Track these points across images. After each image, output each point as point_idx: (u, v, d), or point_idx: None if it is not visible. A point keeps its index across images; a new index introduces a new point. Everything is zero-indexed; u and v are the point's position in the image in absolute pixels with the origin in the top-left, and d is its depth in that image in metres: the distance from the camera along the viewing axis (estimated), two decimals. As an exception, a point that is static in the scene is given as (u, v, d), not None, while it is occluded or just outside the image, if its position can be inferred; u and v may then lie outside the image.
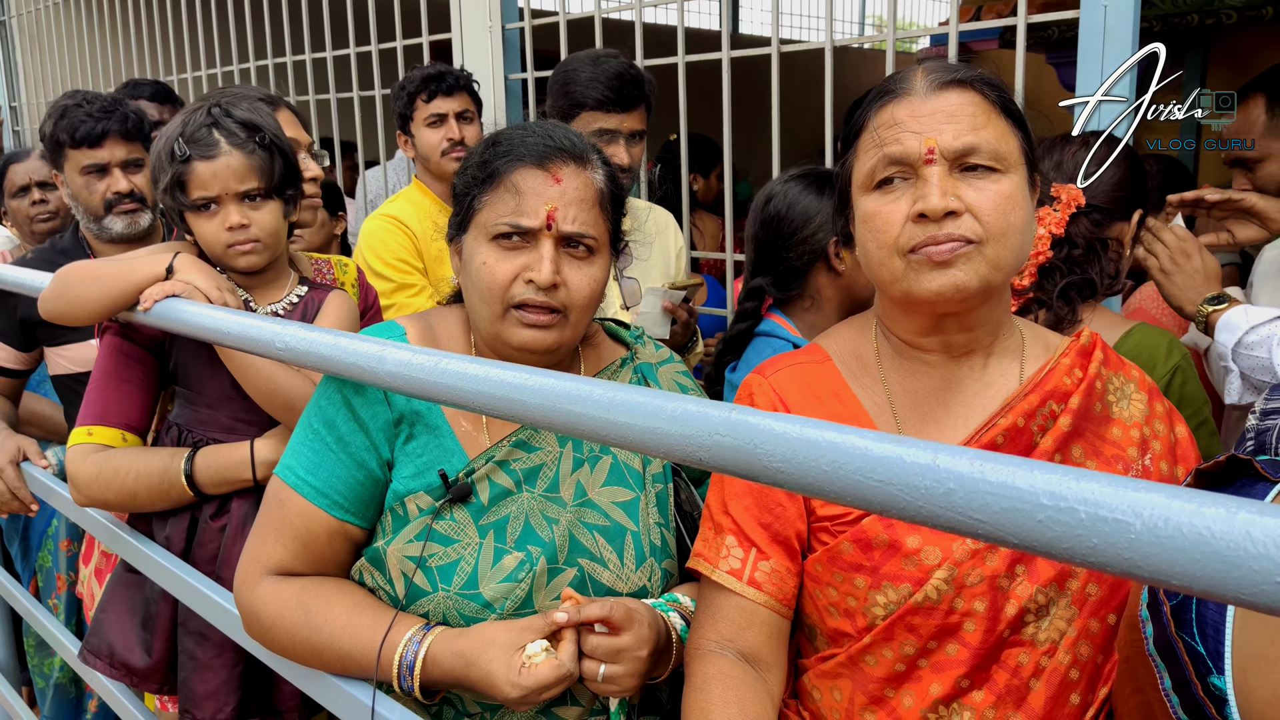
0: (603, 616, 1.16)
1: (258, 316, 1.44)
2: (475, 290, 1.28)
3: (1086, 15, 1.82)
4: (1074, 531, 0.57)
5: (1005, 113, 1.11)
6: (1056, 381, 1.16)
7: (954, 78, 1.10)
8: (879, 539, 1.12)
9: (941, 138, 1.07)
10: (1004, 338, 1.20)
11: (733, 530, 1.20)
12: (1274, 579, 0.50)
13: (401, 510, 1.26)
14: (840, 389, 1.22)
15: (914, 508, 0.64)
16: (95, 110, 2.15)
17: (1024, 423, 1.14)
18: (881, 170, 1.10)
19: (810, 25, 11.62)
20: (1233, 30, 4.72)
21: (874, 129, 1.12)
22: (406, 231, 2.44)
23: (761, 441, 0.73)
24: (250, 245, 1.65)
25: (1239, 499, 0.53)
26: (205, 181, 1.61)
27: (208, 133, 1.61)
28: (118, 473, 1.63)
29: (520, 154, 1.26)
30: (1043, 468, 0.59)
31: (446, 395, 1.02)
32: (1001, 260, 1.07)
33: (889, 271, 1.11)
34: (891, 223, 1.09)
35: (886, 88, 1.14)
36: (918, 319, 1.17)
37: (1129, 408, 1.20)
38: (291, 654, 1.27)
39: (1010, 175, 1.08)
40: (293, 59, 3.81)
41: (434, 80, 2.59)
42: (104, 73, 4.99)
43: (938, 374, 1.19)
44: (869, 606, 1.12)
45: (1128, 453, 1.17)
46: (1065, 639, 1.09)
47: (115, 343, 1.72)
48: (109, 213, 2.19)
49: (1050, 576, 1.09)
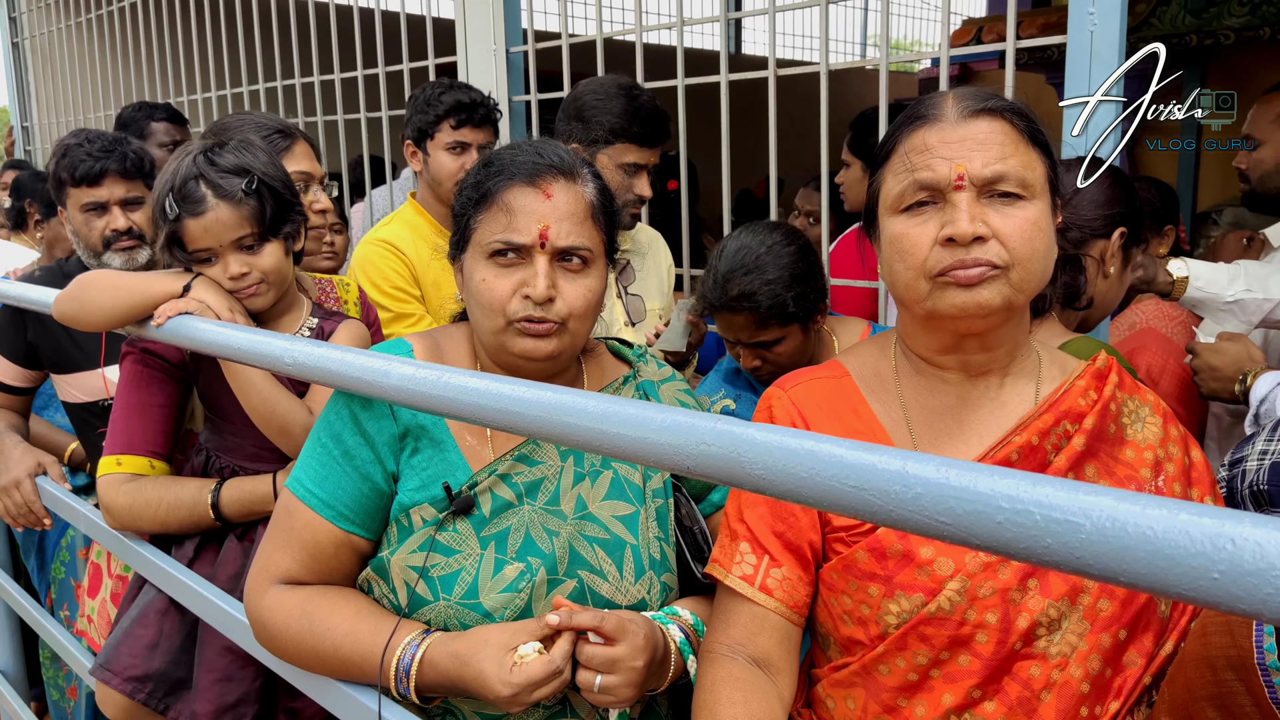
0: (594, 625, 1.19)
1: (266, 332, 1.48)
2: (477, 307, 1.32)
3: (1074, 37, 1.87)
4: (1030, 532, 0.61)
5: (1032, 141, 1.15)
6: (1071, 402, 1.19)
7: (984, 106, 1.13)
8: (893, 549, 1.15)
9: (971, 165, 1.10)
10: (1021, 359, 1.22)
11: (747, 537, 1.24)
12: (1210, 575, 0.54)
13: (406, 522, 1.29)
14: (858, 404, 1.25)
15: (885, 511, 0.68)
16: (95, 150, 2.19)
17: (1038, 441, 1.17)
18: (911, 194, 1.14)
19: (814, 46, 11.71)
20: (1231, 50, 4.77)
21: (904, 153, 1.16)
22: (401, 257, 2.37)
23: (744, 450, 0.77)
24: (255, 288, 1.69)
25: (1182, 502, 0.57)
26: (198, 237, 1.64)
27: (195, 187, 1.62)
28: (149, 504, 1.72)
29: (511, 173, 1.31)
30: (1002, 473, 0.63)
31: (449, 408, 1.06)
32: (1025, 284, 1.11)
33: (914, 293, 1.14)
34: (920, 245, 1.12)
35: (918, 113, 1.17)
36: (939, 337, 1.20)
37: (1143, 430, 1.22)
38: (297, 661, 1.31)
39: (1035, 202, 1.12)
40: (301, 81, 3.87)
41: (467, 110, 2.48)
42: (115, 94, 5.06)
43: (954, 392, 1.22)
44: (882, 615, 1.15)
45: (1140, 473, 1.19)
46: (1077, 653, 1.11)
47: (137, 369, 1.77)
48: (107, 249, 2.23)
49: (1063, 591, 1.11)
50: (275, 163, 1.74)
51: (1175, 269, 2.10)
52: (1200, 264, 2.14)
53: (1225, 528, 0.54)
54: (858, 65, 3.64)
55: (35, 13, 5.71)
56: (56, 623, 2.29)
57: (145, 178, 2.28)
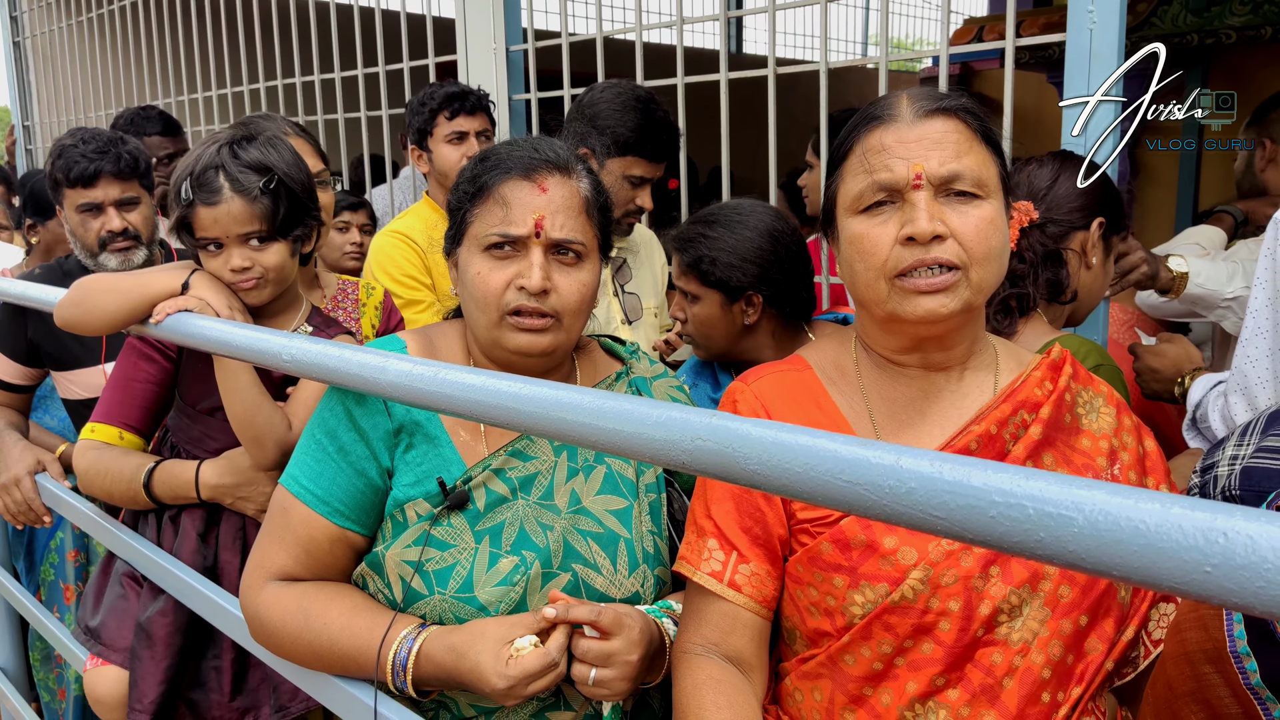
0: (591, 619, 1.19)
1: (264, 329, 1.49)
2: (471, 300, 1.33)
3: (1073, 36, 1.87)
4: (1023, 526, 0.61)
5: (985, 140, 1.16)
6: (1028, 393, 1.21)
7: (938, 106, 1.15)
8: (857, 539, 1.16)
9: (928, 164, 1.11)
10: (979, 353, 1.25)
11: (714, 534, 1.24)
12: (1202, 569, 0.54)
13: (401, 517, 1.30)
14: (820, 396, 1.26)
15: (879, 506, 0.68)
16: (90, 151, 2.18)
17: (996, 430, 1.19)
18: (870, 195, 1.15)
19: (814, 45, 11.71)
20: (1232, 50, 4.76)
21: (861, 154, 1.17)
22: (415, 247, 2.48)
23: (739, 445, 0.77)
24: (254, 283, 1.70)
25: (1175, 496, 0.57)
26: (207, 225, 1.65)
27: (214, 176, 1.63)
28: (100, 473, 1.76)
29: (507, 167, 1.32)
30: (995, 468, 0.63)
31: (446, 404, 1.06)
32: (983, 283, 1.13)
33: (875, 293, 1.15)
34: (880, 245, 1.13)
35: (873, 114, 1.18)
36: (898, 339, 1.21)
37: (1098, 420, 1.25)
38: (294, 656, 1.31)
39: (990, 201, 1.14)
40: (301, 80, 3.88)
41: (458, 99, 2.62)
42: (116, 93, 5.07)
43: (916, 384, 1.24)
44: (847, 606, 1.16)
45: (1097, 462, 1.21)
46: (1038, 639, 1.13)
47: (132, 345, 1.80)
48: (103, 250, 2.23)
49: (1024, 578, 1.13)
50: (300, 164, 1.74)
51: (1175, 265, 2.10)
52: (1200, 261, 2.14)
53: (1218, 521, 0.54)
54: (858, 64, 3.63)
55: (36, 11, 5.72)
56: (57, 620, 2.29)
57: (141, 178, 2.28)
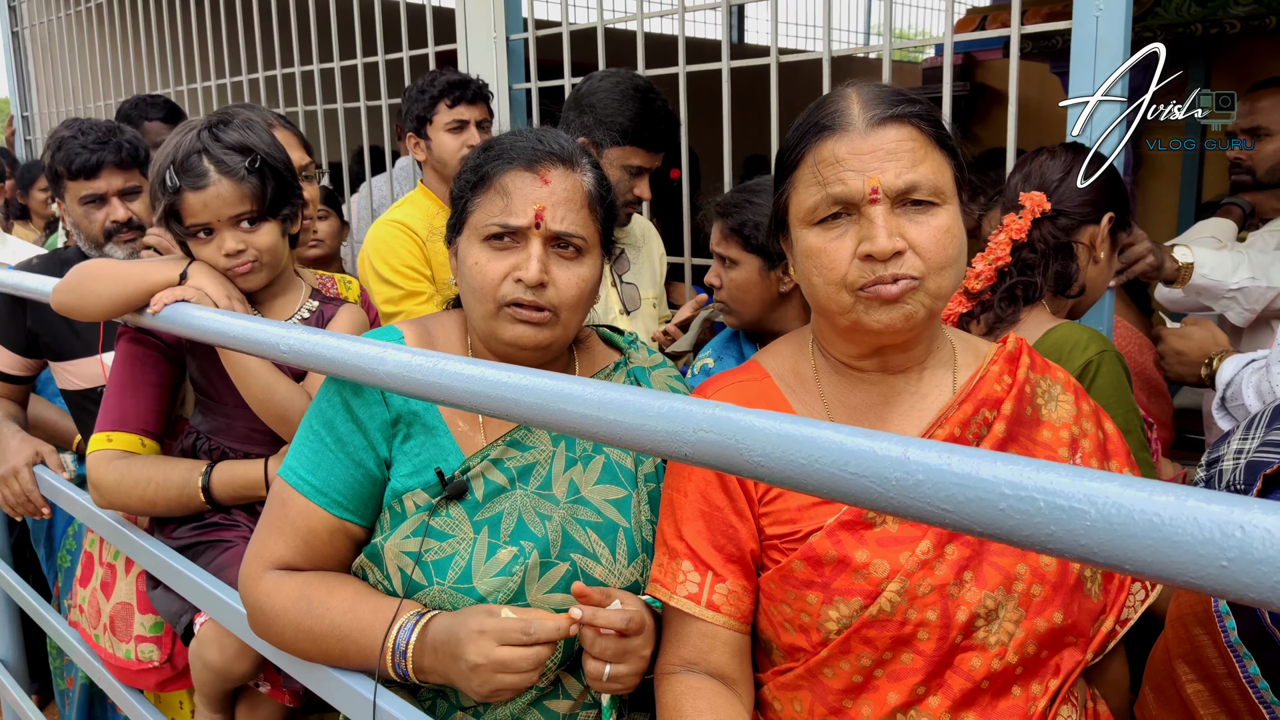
0: (621, 627, 1.18)
1: (262, 320, 1.47)
2: (469, 290, 1.32)
3: (1079, 25, 1.85)
4: (1033, 519, 0.59)
5: (940, 145, 1.13)
6: (988, 389, 1.20)
7: (891, 114, 1.11)
8: (828, 555, 1.14)
9: (884, 176, 1.08)
10: (937, 350, 1.23)
11: (687, 555, 1.21)
12: (1218, 563, 0.53)
13: (399, 507, 1.29)
14: (779, 404, 1.24)
15: (885, 498, 0.67)
16: (90, 141, 2.16)
17: (960, 432, 1.17)
18: (825, 208, 1.12)
19: (815, 35, 11.67)
20: (1237, 39, 4.73)
21: (814, 165, 1.13)
22: (414, 237, 2.44)
23: (743, 437, 0.76)
24: (249, 266, 1.68)
25: (1190, 488, 0.56)
26: (196, 211, 1.63)
27: (198, 160, 1.62)
28: (138, 483, 1.71)
29: (510, 157, 1.30)
30: (1006, 459, 0.62)
31: (444, 395, 1.05)
32: (943, 290, 1.12)
33: (837, 305, 1.13)
34: (838, 260, 1.11)
35: (823, 122, 1.13)
36: (858, 346, 1.20)
37: (1057, 409, 1.24)
38: (294, 646, 1.30)
39: (947, 206, 1.11)
40: (300, 69, 3.85)
41: (459, 87, 2.60)
42: (115, 83, 5.05)
43: (876, 389, 1.22)
44: (822, 622, 1.15)
45: (1059, 453, 1.20)
46: (1014, 640, 1.12)
47: (131, 349, 1.76)
48: (109, 241, 2.22)
49: (997, 581, 1.12)
50: (277, 144, 1.74)
51: (1181, 255, 2.09)
52: (1205, 251, 2.13)
53: (1235, 515, 0.53)
54: (860, 52, 3.61)
55: (35, 1, 5.69)
56: (56, 613, 2.28)
57: (142, 166, 2.26)
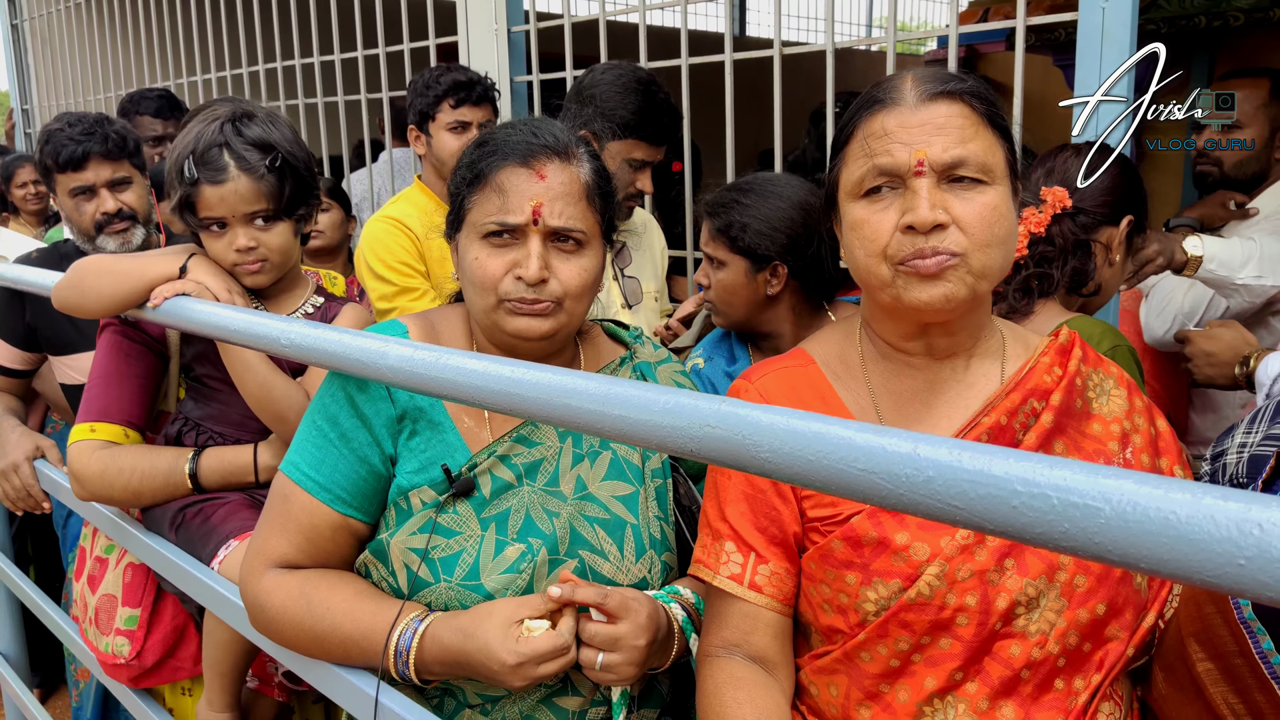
0: (597, 601, 1.18)
1: (263, 314, 1.47)
2: (470, 285, 1.31)
3: (1085, 17, 1.84)
4: (1046, 517, 0.59)
5: (992, 124, 1.13)
6: (1037, 380, 1.18)
7: (943, 89, 1.11)
8: (868, 536, 1.14)
9: (931, 150, 1.08)
10: (985, 339, 1.22)
11: (731, 536, 1.22)
12: (1236, 561, 0.52)
13: (405, 504, 1.28)
14: (825, 391, 1.24)
15: (895, 495, 0.66)
16: (77, 133, 2.15)
17: (1006, 420, 1.16)
18: (871, 180, 1.12)
19: (817, 28, 11.63)
20: (1240, 32, 4.71)
21: (863, 138, 1.14)
22: (408, 233, 2.43)
23: (750, 432, 0.75)
24: (258, 265, 1.68)
25: (1207, 485, 0.55)
26: (212, 204, 1.63)
27: (218, 154, 1.61)
28: (123, 471, 1.70)
29: (505, 153, 1.29)
30: (1017, 455, 0.61)
31: (447, 390, 1.04)
32: (987, 270, 1.10)
33: (877, 278, 1.13)
34: (880, 232, 1.11)
35: (876, 96, 1.15)
36: (903, 325, 1.19)
37: (1109, 403, 1.22)
38: (295, 643, 1.30)
39: (996, 186, 1.10)
40: (300, 62, 3.84)
41: (465, 88, 2.56)
42: (114, 76, 5.03)
43: (921, 375, 1.21)
44: (860, 603, 1.14)
45: (1108, 447, 1.19)
46: (1055, 630, 1.11)
47: (116, 340, 1.75)
48: (100, 233, 2.21)
49: (1040, 570, 1.11)
50: (300, 142, 1.73)
51: (1191, 247, 2.08)
52: (1216, 243, 2.12)
53: (1252, 512, 0.52)
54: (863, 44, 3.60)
55: (34, -6, 5.68)
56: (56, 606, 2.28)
57: (131, 157, 2.25)
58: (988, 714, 1.11)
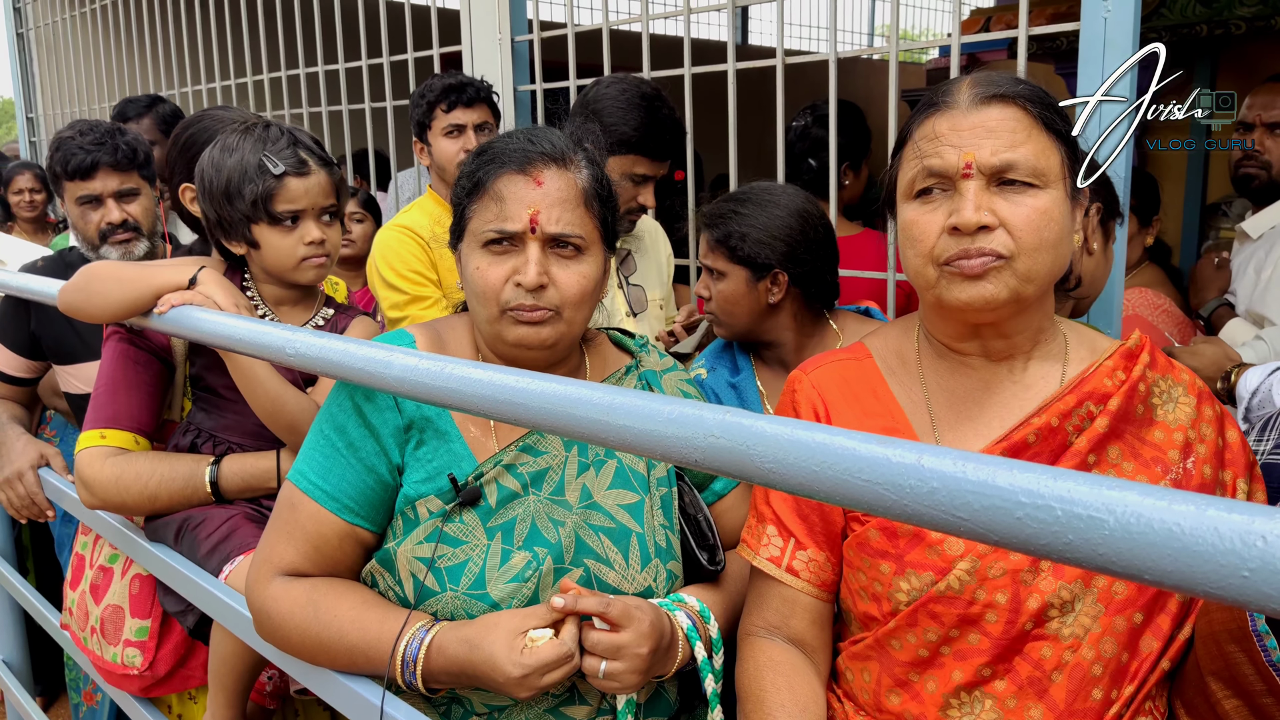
0: (600, 610, 1.19)
1: (267, 323, 1.47)
2: (473, 295, 1.32)
3: (1087, 25, 1.84)
4: (1050, 528, 0.59)
5: (1048, 128, 1.13)
6: (1097, 383, 1.18)
7: (997, 92, 1.13)
8: (904, 528, 1.17)
9: (980, 153, 1.10)
10: (1045, 342, 1.22)
11: (773, 520, 1.27)
12: (1240, 573, 0.52)
13: (412, 514, 1.28)
14: (878, 386, 1.26)
15: (899, 506, 0.66)
16: (87, 142, 2.16)
17: (1058, 422, 1.16)
18: (921, 181, 1.15)
19: (820, 37, 11.66)
20: (1242, 40, 4.71)
21: (916, 140, 1.17)
22: (420, 242, 2.43)
23: (753, 443, 0.75)
24: (323, 260, 1.72)
25: (1210, 497, 0.55)
26: (295, 196, 1.66)
27: (294, 152, 1.67)
28: (139, 477, 1.68)
29: (503, 161, 1.30)
30: (1021, 467, 0.61)
31: (452, 400, 1.04)
32: (1033, 274, 1.10)
33: (924, 279, 1.15)
34: (928, 233, 1.13)
35: (932, 100, 1.18)
36: (953, 325, 1.21)
37: (1174, 411, 1.20)
38: (300, 651, 1.30)
39: (1049, 190, 1.11)
40: (305, 71, 3.85)
41: (454, 91, 2.58)
42: (120, 85, 5.05)
43: (977, 375, 1.22)
44: (893, 592, 1.17)
45: (1168, 455, 1.17)
46: (1090, 635, 1.11)
47: (123, 348, 1.75)
48: (104, 242, 2.21)
49: (1076, 573, 1.11)
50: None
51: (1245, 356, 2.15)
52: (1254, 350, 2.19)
53: (1256, 524, 0.52)
54: (866, 53, 3.61)
55: (40, 3, 5.69)
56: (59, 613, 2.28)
57: (140, 168, 2.26)
58: (1015, 712, 1.12)
